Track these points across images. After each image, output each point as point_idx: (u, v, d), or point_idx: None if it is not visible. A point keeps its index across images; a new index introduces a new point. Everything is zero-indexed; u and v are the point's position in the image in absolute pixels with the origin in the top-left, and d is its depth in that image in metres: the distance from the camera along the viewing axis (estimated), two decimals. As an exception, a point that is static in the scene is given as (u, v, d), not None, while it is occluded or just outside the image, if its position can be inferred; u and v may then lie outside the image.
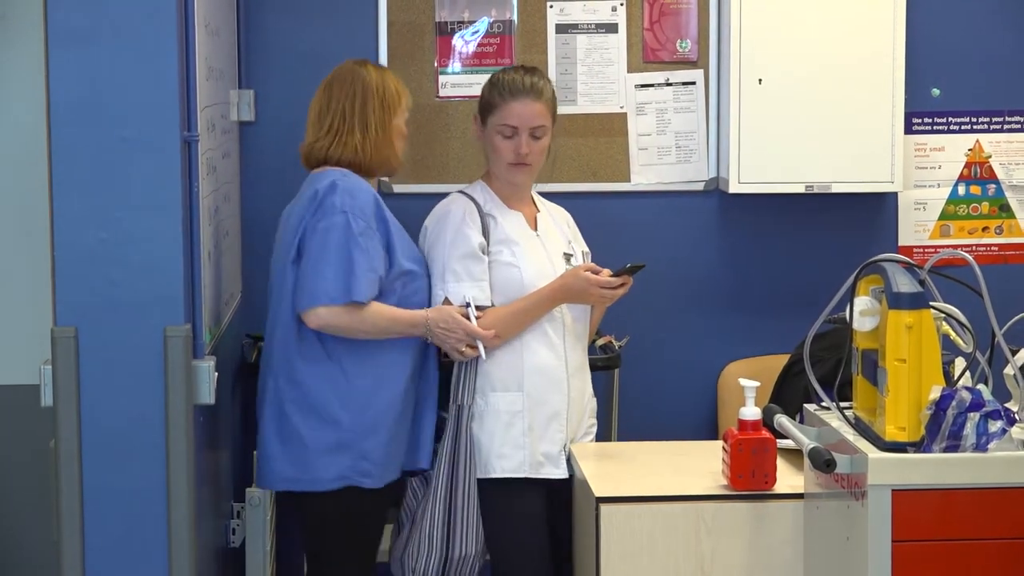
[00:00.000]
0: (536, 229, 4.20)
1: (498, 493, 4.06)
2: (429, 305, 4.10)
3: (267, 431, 4.05)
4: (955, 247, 5.04)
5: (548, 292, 4.06)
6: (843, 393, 3.42)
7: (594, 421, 4.30)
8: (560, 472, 4.11)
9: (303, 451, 4.00)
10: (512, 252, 4.09)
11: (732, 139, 4.89)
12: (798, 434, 3.42)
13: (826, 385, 3.42)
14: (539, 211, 4.27)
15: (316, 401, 3.99)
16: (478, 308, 4.00)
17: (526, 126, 4.10)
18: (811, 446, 3.27)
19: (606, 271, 4.06)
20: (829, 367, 3.62)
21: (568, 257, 4.20)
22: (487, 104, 4.15)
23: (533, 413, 4.08)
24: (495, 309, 4.03)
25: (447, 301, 4.01)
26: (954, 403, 3.10)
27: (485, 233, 4.09)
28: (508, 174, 4.14)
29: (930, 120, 5.14)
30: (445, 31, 5.01)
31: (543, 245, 4.17)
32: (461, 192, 4.19)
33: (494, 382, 4.09)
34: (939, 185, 5.19)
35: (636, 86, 5.07)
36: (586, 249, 4.33)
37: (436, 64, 5.01)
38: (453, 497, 4.00)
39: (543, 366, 4.10)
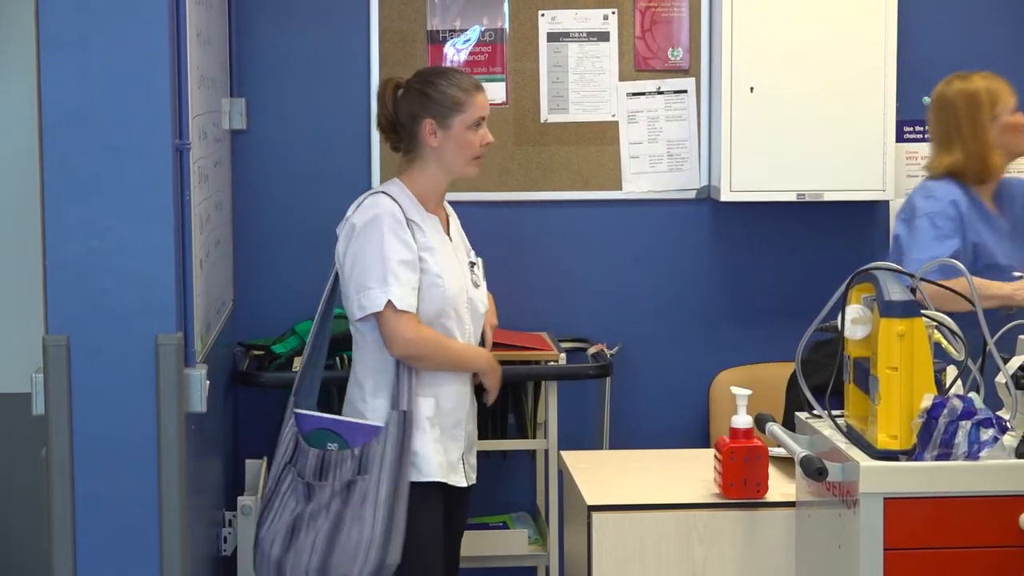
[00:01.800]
0: (449, 235, 4.11)
1: (420, 497, 3.97)
2: None
3: None
4: (946, 255, 5.04)
5: (478, 359, 4.08)
6: (840, 401, 3.43)
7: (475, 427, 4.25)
8: (460, 480, 4.06)
9: None
10: (436, 262, 3.98)
11: (724, 147, 4.89)
12: (790, 442, 3.42)
13: (831, 392, 3.43)
14: (449, 215, 4.18)
15: None
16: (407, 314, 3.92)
17: (487, 115, 4.07)
18: (803, 454, 3.27)
19: None
20: (832, 374, 3.62)
21: (472, 266, 4.14)
22: (453, 103, 4.00)
23: (445, 419, 4.02)
24: (437, 337, 3.96)
25: (390, 304, 3.87)
26: (946, 411, 3.10)
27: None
28: (470, 168, 4.06)
29: (921, 128, 5.15)
30: (437, 39, 5.02)
31: (455, 253, 4.09)
32: (383, 193, 4.01)
33: (423, 387, 4.00)
34: (930, 193, 5.19)
35: (628, 94, 5.07)
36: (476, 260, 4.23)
37: (428, 72, 5.01)
38: (396, 504, 3.88)
39: (454, 374, 4.05)
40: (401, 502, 3.88)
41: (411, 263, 3.92)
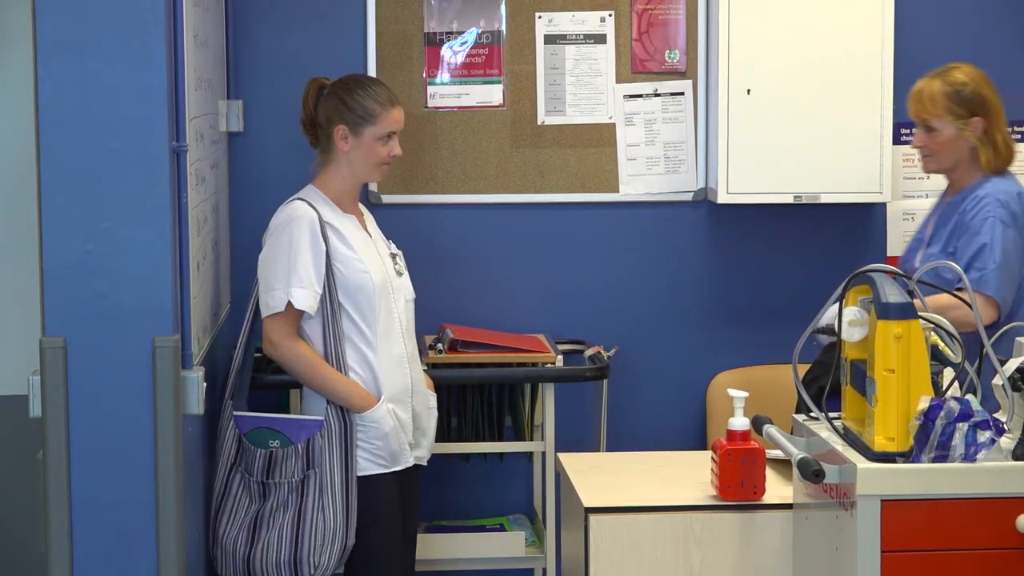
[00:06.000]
0: (367, 231, 4.29)
1: (370, 486, 4.15)
2: None
3: None
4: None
5: (350, 396, 4.10)
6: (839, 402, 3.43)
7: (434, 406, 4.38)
8: (407, 461, 4.22)
9: None
10: (359, 257, 4.16)
11: (720, 149, 4.89)
12: (787, 444, 3.42)
13: (828, 392, 3.43)
14: (364, 214, 4.36)
15: None
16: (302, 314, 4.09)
17: (400, 129, 4.26)
18: (800, 456, 3.27)
19: None
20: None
21: (394, 257, 4.32)
22: (366, 113, 4.19)
23: (399, 407, 4.19)
24: (313, 355, 4.10)
25: (290, 305, 4.05)
26: (943, 413, 3.10)
27: (326, 244, 4.14)
28: (376, 173, 4.29)
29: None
30: (434, 41, 5.01)
31: (375, 247, 4.26)
32: (300, 200, 4.19)
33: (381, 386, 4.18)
34: (927, 196, 5.19)
35: (625, 96, 5.07)
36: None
37: (425, 75, 5.01)
38: (349, 492, 4.07)
39: (391, 360, 4.20)
40: (352, 489, 4.08)
41: (319, 267, 4.09)
